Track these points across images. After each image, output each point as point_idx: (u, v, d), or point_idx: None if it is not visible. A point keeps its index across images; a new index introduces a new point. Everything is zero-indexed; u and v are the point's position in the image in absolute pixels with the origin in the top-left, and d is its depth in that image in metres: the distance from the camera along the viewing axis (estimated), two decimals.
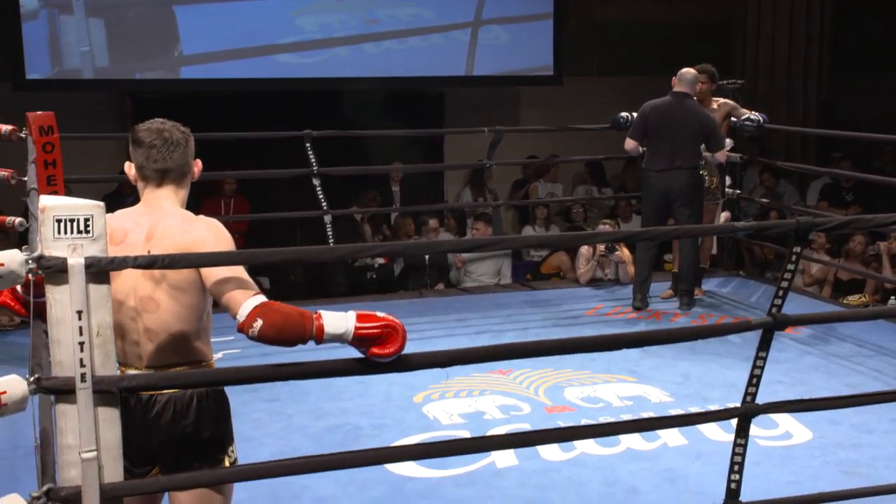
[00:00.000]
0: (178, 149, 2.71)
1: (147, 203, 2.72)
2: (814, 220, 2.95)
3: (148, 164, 2.70)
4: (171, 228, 2.64)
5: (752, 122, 6.95)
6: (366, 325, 2.50)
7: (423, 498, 4.08)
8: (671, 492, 4.14)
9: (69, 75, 8.94)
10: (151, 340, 2.65)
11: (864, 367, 5.70)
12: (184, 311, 2.64)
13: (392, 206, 9.31)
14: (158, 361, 2.67)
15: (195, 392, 2.68)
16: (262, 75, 9.45)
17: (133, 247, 2.62)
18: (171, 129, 2.72)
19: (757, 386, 3.18)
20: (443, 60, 9.98)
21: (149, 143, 2.69)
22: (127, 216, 2.71)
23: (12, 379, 2.44)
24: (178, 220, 2.67)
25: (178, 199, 2.74)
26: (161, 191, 2.72)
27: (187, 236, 2.61)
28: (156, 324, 2.64)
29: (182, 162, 2.72)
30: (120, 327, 2.64)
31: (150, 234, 2.64)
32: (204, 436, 2.71)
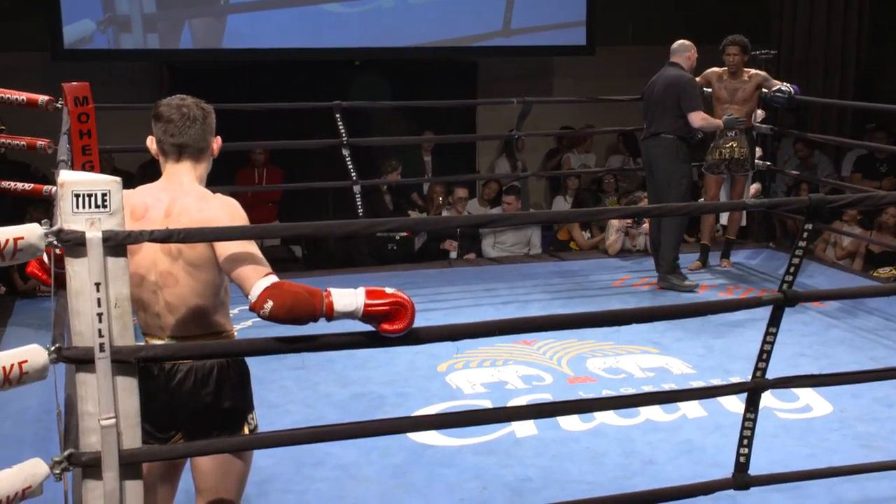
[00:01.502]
0: (196, 124, 2.75)
1: (167, 178, 2.79)
2: (825, 196, 2.97)
3: (165, 139, 2.76)
4: (188, 206, 2.69)
5: (782, 93, 6.90)
6: (375, 301, 2.57)
7: (443, 465, 4.15)
8: (687, 463, 4.18)
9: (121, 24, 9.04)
10: (172, 313, 2.73)
11: (890, 341, 5.69)
12: (201, 287, 2.70)
13: (424, 175, 9.37)
14: (179, 333, 2.74)
15: (216, 361, 2.75)
16: (293, 44, 9.49)
17: (153, 222, 2.67)
18: (191, 105, 2.77)
19: (767, 361, 3.21)
20: (477, 28, 9.95)
21: (167, 118, 2.75)
22: (148, 192, 2.78)
23: (33, 348, 2.54)
24: (196, 197, 2.72)
25: (196, 174, 2.78)
26: (179, 166, 2.77)
27: (203, 214, 2.66)
28: (175, 298, 2.71)
29: (199, 137, 2.76)
30: (142, 301, 2.74)
31: (169, 211, 2.70)
32: (224, 404, 2.78)
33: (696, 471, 4.11)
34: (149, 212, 2.71)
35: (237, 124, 8.59)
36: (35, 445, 4.36)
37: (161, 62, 9.59)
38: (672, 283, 6.75)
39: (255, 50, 9.42)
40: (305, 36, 9.50)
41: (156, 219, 2.69)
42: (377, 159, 8.80)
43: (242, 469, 2.85)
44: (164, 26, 9.20)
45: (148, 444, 2.70)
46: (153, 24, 9.15)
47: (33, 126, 6.50)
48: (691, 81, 6.85)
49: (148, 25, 9.11)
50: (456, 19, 9.84)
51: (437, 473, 4.09)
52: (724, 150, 7.08)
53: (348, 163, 6.83)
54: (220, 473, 2.80)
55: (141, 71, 9.63)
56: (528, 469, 4.13)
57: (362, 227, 2.77)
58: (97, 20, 8.94)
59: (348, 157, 6.83)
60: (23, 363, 2.49)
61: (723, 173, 7.16)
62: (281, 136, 8.42)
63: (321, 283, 6.50)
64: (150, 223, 2.66)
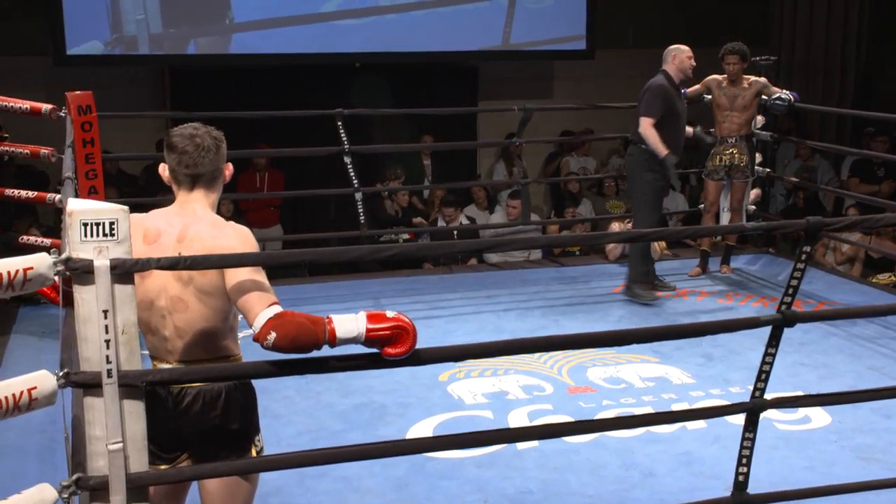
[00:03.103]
0: (209, 154, 2.78)
1: (180, 205, 2.81)
2: (823, 219, 3.00)
3: (179, 169, 2.79)
4: (201, 233, 2.73)
5: (782, 101, 6.92)
6: (377, 326, 2.59)
7: (445, 478, 4.19)
8: (686, 475, 4.22)
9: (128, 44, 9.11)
10: (181, 338, 2.77)
11: (888, 349, 5.72)
12: (211, 313, 2.74)
13: (424, 178, 9.42)
14: (187, 357, 2.78)
15: (224, 385, 2.79)
16: (296, 50, 9.53)
17: (165, 247, 2.72)
18: (204, 134, 2.80)
19: (766, 381, 3.24)
20: (477, 33, 10.00)
21: (181, 150, 2.77)
22: (161, 216, 2.81)
23: (42, 374, 2.57)
24: (209, 224, 2.75)
25: (208, 202, 2.82)
26: (193, 194, 2.80)
27: (216, 241, 2.70)
28: (185, 323, 2.75)
29: (212, 167, 2.80)
30: (151, 325, 2.78)
31: (182, 237, 2.74)
32: (232, 426, 2.82)
33: (695, 483, 4.16)
34: (161, 236, 2.75)
35: (238, 128, 8.66)
36: (39, 456, 4.41)
37: (163, 66, 9.62)
38: (634, 292, 6.66)
39: (258, 55, 9.47)
40: (307, 43, 9.56)
41: (168, 244, 2.73)
42: (378, 164, 8.85)
43: (249, 491, 2.88)
44: (170, 45, 9.30)
45: (154, 465, 2.74)
46: (159, 44, 9.23)
47: (37, 130, 6.55)
48: (657, 89, 6.61)
49: (154, 44, 9.19)
50: (456, 33, 9.89)
51: (439, 486, 4.13)
52: (724, 156, 7.13)
53: (350, 170, 6.85)
54: (228, 495, 2.84)
55: (143, 73, 9.66)
56: (529, 481, 4.17)
57: (365, 253, 2.80)
58: (105, 41, 9.00)
59: (350, 165, 6.85)
60: (32, 390, 2.52)
61: (722, 179, 7.20)
62: (282, 140, 8.44)
63: (325, 289, 6.60)
64: (163, 247, 2.71)
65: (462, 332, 6.12)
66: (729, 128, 7.11)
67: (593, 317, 6.39)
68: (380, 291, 6.88)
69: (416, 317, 3.11)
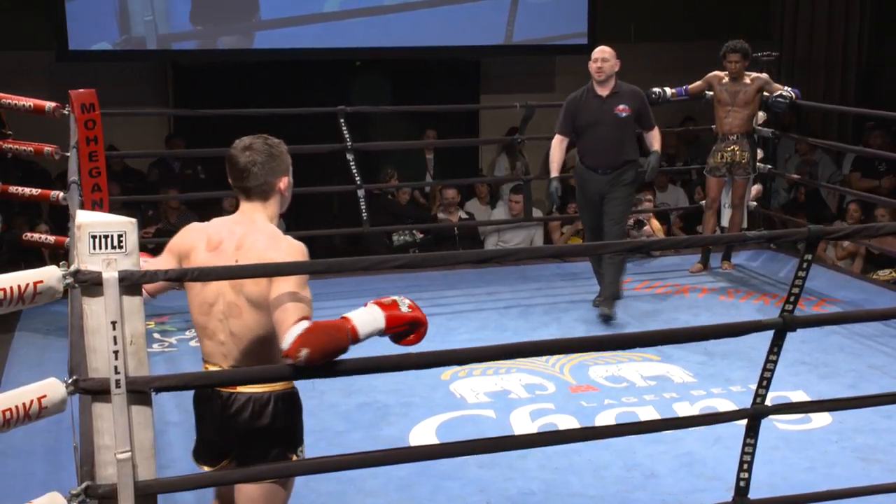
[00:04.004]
0: (254, 168, 2.83)
1: (241, 213, 2.90)
2: (824, 228, 3.03)
3: (233, 182, 2.88)
4: (257, 243, 2.79)
5: (784, 98, 6.93)
6: (396, 326, 2.70)
7: (448, 479, 4.21)
8: (688, 476, 4.25)
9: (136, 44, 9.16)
10: (235, 343, 2.83)
11: (889, 348, 5.75)
12: (263, 320, 2.77)
13: (426, 172, 9.45)
14: (239, 363, 2.84)
15: (273, 393, 2.84)
16: (297, 45, 9.56)
17: (224, 253, 2.81)
18: (257, 149, 2.85)
19: (767, 388, 3.26)
20: (480, 30, 10.01)
21: (233, 163, 2.86)
22: (223, 225, 2.89)
23: (51, 383, 2.61)
24: (266, 236, 2.81)
25: (266, 213, 2.88)
26: (250, 205, 2.88)
27: (267, 253, 2.75)
28: (239, 328, 2.81)
29: (262, 181, 2.84)
30: (208, 328, 2.86)
31: (240, 245, 2.81)
32: (277, 435, 2.88)
33: (696, 484, 4.19)
34: (223, 243, 2.83)
35: (241, 124, 8.68)
36: (45, 457, 4.45)
37: (164, 61, 9.64)
38: (612, 309, 6.24)
39: (259, 51, 9.49)
40: (309, 39, 9.58)
41: (227, 250, 2.81)
42: (380, 160, 8.87)
43: (285, 498, 2.95)
44: (177, 46, 9.33)
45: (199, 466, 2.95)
46: (166, 44, 9.28)
47: (39, 125, 6.57)
48: (566, 101, 6.41)
49: (161, 45, 9.25)
50: (459, 30, 9.91)
51: (442, 487, 4.16)
52: (726, 153, 7.15)
53: (352, 167, 6.87)
54: (265, 501, 2.89)
55: (146, 70, 9.68)
56: (531, 482, 4.20)
57: (373, 263, 2.88)
58: (114, 42, 9.04)
59: (352, 162, 6.87)
60: (42, 398, 2.56)
61: (724, 176, 7.22)
62: (284, 137, 8.40)
63: (328, 285, 6.62)
64: (223, 254, 2.81)
65: (463, 329, 6.15)
66: (730, 124, 7.13)
67: (594, 314, 6.40)
68: (382, 288, 6.84)
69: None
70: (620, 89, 6.26)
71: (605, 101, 6.22)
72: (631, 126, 6.28)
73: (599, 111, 6.21)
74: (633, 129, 6.31)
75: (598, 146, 6.21)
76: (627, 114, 6.21)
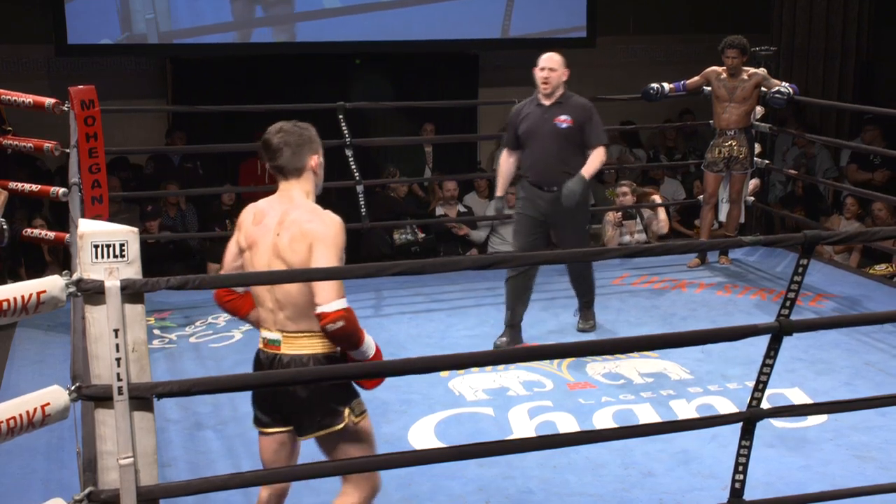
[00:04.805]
0: (287, 149, 3.12)
1: (280, 192, 3.18)
2: (820, 233, 3.05)
3: (269, 163, 3.17)
4: (299, 218, 3.07)
5: (781, 94, 6.93)
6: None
7: (447, 477, 4.24)
8: (685, 475, 4.29)
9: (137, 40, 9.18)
10: (281, 309, 3.09)
11: (885, 344, 5.77)
12: (304, 288, 3.01)
13: (425, 165, 9.48)
14: (285, 328, 3.10)
15: (312, 356, 3.11)
16: (298, 39, 9.58)
17: (267, 228, 3.11)
18: (286, 131, 3.15)
19: (763, 391, 3.29)
20: (478, 23, 10.02)
21: (265, 146, 3.16)
22: (267, 203, 3.19)
23: (54, 390, 2.64)
24: (306, 211, 3.10)
25: (303, 190, 3.16)
26: (287, 184, 3.16)
27: (309, 225, 3.04)
28: (283, 295, 3.06)
29: (289, 161, 3.13)
30: (259, 297, 3.15)
31: (282, 220, 3.09)
32: (322, 391, 3.12)
33: (693, 483, 4.23)
34: (266, 218, 3.14)
35: (240, 118, 8.71)
36: (47, 455, 4.48)
37: (165, 56, 9.65)
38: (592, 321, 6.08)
39: (258, 45, 9.50)
40: (307, 33, 9.60)
41: (270, 225, 3.11)
42: (379, 156, 8.89)
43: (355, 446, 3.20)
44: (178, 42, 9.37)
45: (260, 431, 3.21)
46: (168, 41, 9.29)
47: (39, 120, 6.59)
48: (511, 111, 5.95)
49: (163, 41, 9.26)
50: (457, 24, 9.93)
51: (441, 485, 4.19)
52: (724, 148, 7.17)
53: (351, 163, 6.89)
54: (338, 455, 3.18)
55: (146, 64, 9.69)
56: (530, 481, 4.24)
57: (372, 270, 2.90)
58: (116, 39, 9.06)
59: (351, 158, 6.89)
60: (45, 406, 2.59)
61: (721, 171, 7.25)
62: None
63: None
64: (265, 228, 3.12)
65: (463, 325, 6.18)
66: (728, 120, 7.15)
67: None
68: (381, 283, 6.91)
69: (416, 310, 3.27)
70: (566, 100, 5.68)
71: (546, 110, 5.67)
72: (574, 140, 5.63)
73: (540, 121, 5.67)
74: (577, 143, 5.65)
75: (538, 159, 5.67)
76: (568, 125, 5.60)
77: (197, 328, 6.17)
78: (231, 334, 6.03)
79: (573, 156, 5.62)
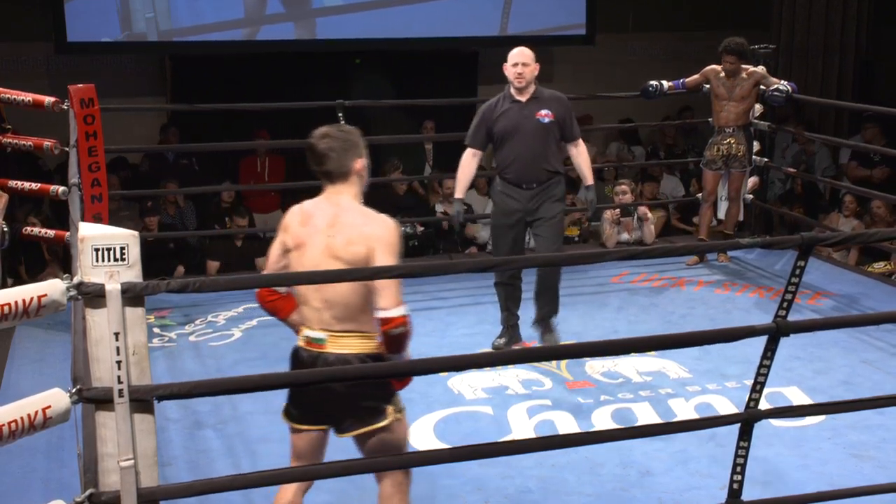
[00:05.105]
0: (332, 154, 3.15)
1: (327, 195, 3.22)
2: (817, 235, 3.06)
3: (313, 168, 3.21)
4: (353, 220, 3.14)
5: (780, 92, 6.95)
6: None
7: (445, 476, 4.25)
8: (683, 474, 4.31)
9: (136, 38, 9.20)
10: (329, 309, 3.13)
11: (883, 343, 5.79)
12: (356, 286, 3.09)
13: (425, 163, 9.48)
14: (331, 327, 3.15)
15: (357, 355, 3.15)
16: (297, 37, 9.59)
17: (317, 229, 3.16)
18: (332, 137, 3.18)
19: (760, 392, 3.31)
20: (477, 20, 10.03)
21: (311, 151, 3.20)
22: (314, 204, 3.23)
23: (55, 393, 2.65)
24: (360, 214, 3.16)
25: (351, 193, 3.21)
26: (334, 187, 3.20)
27: (367, 228, 3.12)
28: (334, 295, 3.11)
29: (338, 165, 3.17)
30: (305, 296, 3.18)
31: (333, 222, 3.14)
32: (366, 390, 3.18)
33: (690, 482, 4.25)
34: (313, 219, 3.18)
35: (240, 114, 8.72)
36: (47, 454, 4.49)
37: (164, 53, 9.65)
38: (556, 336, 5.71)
39: (258, 42, 9.51)
40: (306, 30, 9.61)
41: (319, 225, 3.16)
42: (378, 153, 8.88)
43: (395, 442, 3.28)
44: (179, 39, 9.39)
45: (295, 427, 3.28)
46: (169, 38, 9.29)
47: (39, 118, 6.60)
48: (480, 110, 5.71)
49: (164, 38, 9.26)
50: (456, 22, 9.93)
51: (440, 485, 4.20)
52: (722, 146, 7.19)
53: None
54: (378, 452, 3.25)
55: (145, 62, 9.69)
56: (529, 480, 4.25)
57: (371, 273, 2.90)
58: (115, 38, 9.06)
59: None
60: (46, 409, 2.60)
61: (720, 169, 7.26)
62: (283, 127, 8.52)
63: None
64: (315, 228, 3.17)
65: (462, 324, 6.20)
66: (727, 118, 7.16)
67: (591, 307, 6.47)
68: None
69: (415, 308, 3.31)
70: (541, 94, 5.52)
71: (524, 105, 5.48)
72: (554, 134, 5.51)
73: (519, 117, 5.47)
74: (556, 138, 5.55)
75: (520, 156, 5.47)
76: (550, 119, 5.46)
77: (197, 327, 6.19)
78: (231, 333, 6.05)
79: (553, 151, 5.54)
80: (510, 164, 5.52)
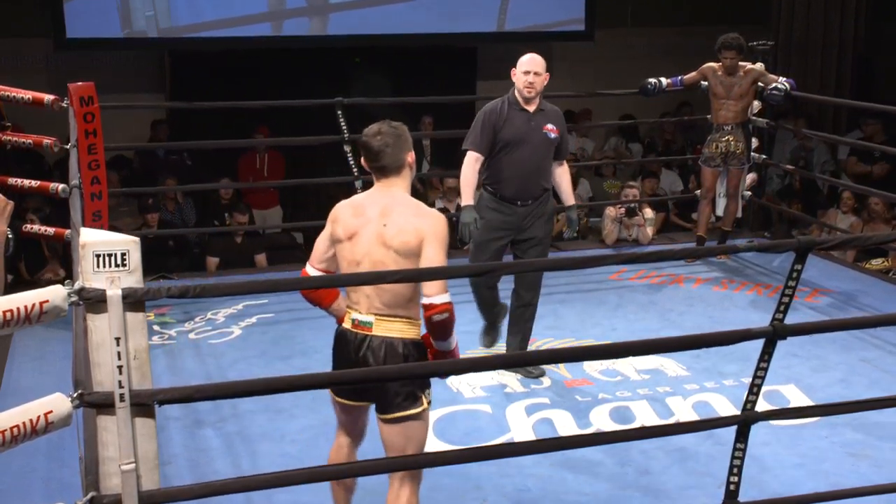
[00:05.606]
0: (388, 149, 3.27)
1: (378, 189, 3.35)
2: (814, 238, 3.08)
3: (368, 164, 3.34)
4: (405, 213, 3.26)
5: (779, 90, 6.96)
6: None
7: (444, 475, 4.27)
8: (681, 473, 4.33)
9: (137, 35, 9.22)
10: (379, 295, 3.26)
11: (881, 341, 5.80)
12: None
13: (423, 159, 9.50)
14: (379, 312, 3.28)
15: (403, 340, 3.28)
16: (296, 33, 9.60)
17: (369, 219, 3.29)
18: (385, 132, 3.29)
19: (757, 395, 3.33)
20: (476, 16, 10.04)
21: (366, 147, 3.32)
22: (366, 197, 3.38)
23: (57, 398, 2.67)
24: (412, 206, 3.30)
25: (403, 185, 3.34)
26: (387, 181, 3.33)
27: (420, 220, 3.24)
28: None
29: (392, 160, 3.29)
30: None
31: (385, 213, 3.27)
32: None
33: (688, 481, 4.27)
34: (366, 210, 3.31)
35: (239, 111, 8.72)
36: (48, 454, 4.50)
37: (164, 49, 9.66)
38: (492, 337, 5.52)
39: (256, 38, 9.52)
40: (304, 26, 9.62)
41: (372, 216, 3.29)
42: None
43: (422, 430, 3.37)
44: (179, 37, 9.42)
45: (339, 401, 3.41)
46: (168, 35, 9.30)
47: (38, 116, 6.60)
48: (480, 114, 5.26)
49: (164, 36, 9.27)
50: (454, 17, 9.94)
51: (439, 484, 4.21)
52: (721, 143, 7.20)
53: (349, 158, 6.91)
54: (404, 437, 3.33)
55: (144, 58, 9.70)
56: (527, 479, 4.28)
57: (370, 278, 2.92)
58: (115, 36, 9.07)
59: (349, 153, 6.91)
60: (48, 414, 2.62)
61: (719, 166, 7.28)
62: (282, 123, 8.54)
63: None
64: (367, 219, 3.29)
65: (461, 322, 6.05)
66: (725, 115, 7.18)
67: (589, 305, 6.48)
68: None
69: None
70: (546, 107, 5.25)
71: (531, 117, 5.18)
72: (552, 151, 5.26)
73: (527, 128, 5.16)
74: (552, 154, 5.29)
75: (521, 170, 5.17)
76: (555, 136, 5.20)
77: (196, 324, 6.20)
78: (230, 330, 6.06)
79: (549, 167, 5.30)
80: (508, 177, 5.19)
